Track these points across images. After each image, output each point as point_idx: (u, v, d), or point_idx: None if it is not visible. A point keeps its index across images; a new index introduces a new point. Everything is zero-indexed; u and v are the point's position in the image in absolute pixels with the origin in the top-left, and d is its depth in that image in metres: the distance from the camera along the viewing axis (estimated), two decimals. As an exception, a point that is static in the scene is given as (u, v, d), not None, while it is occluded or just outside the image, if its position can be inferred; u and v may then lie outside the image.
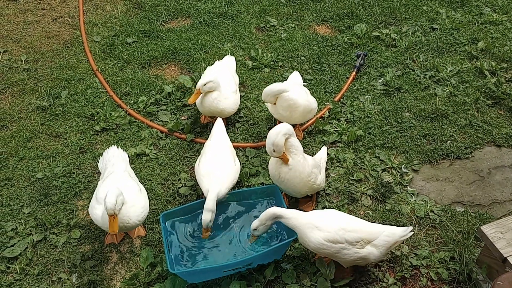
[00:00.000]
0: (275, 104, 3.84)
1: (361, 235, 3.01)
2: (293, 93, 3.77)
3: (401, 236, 3.10)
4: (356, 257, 3.02)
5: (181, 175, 3.88)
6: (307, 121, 4.25)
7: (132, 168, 3.92)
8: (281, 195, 3.44)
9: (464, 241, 3.34)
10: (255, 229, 3.09)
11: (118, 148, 3.63)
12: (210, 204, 3.19)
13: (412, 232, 3.19)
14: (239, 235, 3.39)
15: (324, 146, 3.82)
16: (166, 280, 3.19)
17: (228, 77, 4.15)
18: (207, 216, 3.18)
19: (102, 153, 3.67)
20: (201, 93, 3.89)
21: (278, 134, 3.17)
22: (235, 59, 4.70)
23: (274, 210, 3.05)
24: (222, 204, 3.49)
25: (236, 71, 4.48)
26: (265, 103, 4.09)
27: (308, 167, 3.33)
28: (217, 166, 3.41)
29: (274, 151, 3.19)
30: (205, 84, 3.84)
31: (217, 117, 3.91)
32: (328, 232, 2.97)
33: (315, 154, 3.74)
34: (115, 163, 3.43)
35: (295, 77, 4.17)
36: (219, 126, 3.76)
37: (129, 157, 3.95)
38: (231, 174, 3.43)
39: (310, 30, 5.33)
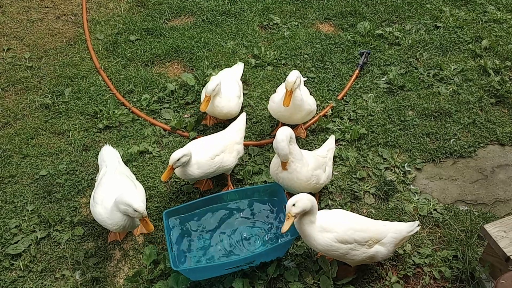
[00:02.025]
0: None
1: (370, 235, 2.99)
2: (303, 94, 3.81)
3: (408, 232, 3.09)
4: (365, 256, 3.01)
5: (184, 173, 3.88)
6: (310, 120, 4.25)
7: (135, 165, 3.94)
8: (284, 193, 3.44)
9: (467, 240, 3.34)
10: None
11: (108, 145, 3.65)
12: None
13: (419, 227, 3.18)
14: (242, 233, 3.39)
15: (332, 135, 3.78)
16: (169, 278, 3.20)
17: (231, 82, 4.18)
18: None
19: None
20: (210, 98, 3.93)
21: (287, 136, 3.17)
22: (239, 58, 4.73)
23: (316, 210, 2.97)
24: (225, 201, 3.50)
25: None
26: (268, 105, 4.07)
27: (308, 172, 3.31)
28: (197, 151, 3.52)
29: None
30: (214, 90, 3.88)
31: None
32: (337, 233, 2.94)
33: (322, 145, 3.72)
34: (108, 164, 3.46)
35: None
36: (239, 120, 3.86)
37: (131, 155, 3.98)
38: (202, 163, 3.50)
39: (313, 28, 5.32)
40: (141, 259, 3.37)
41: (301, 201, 2.86)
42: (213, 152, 3.55)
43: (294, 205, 2.87)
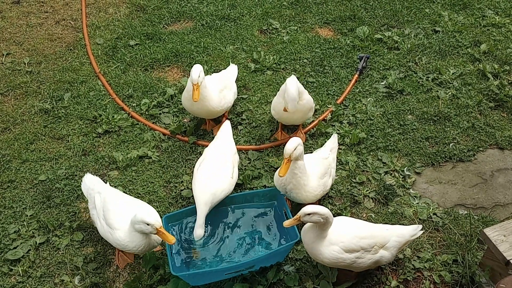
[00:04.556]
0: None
1: (375, 240, 2.98)
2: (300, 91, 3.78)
3: (411, 236, 3.08)
4: (370, 262, 3.00)
5: (183, 178, 3.88)
6: (309, 124, 4.26)
7: (134, 170, 3.95)
8: (284, 198, 3.44)
9: (467, 244, 3.34)
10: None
11: (88, 174, 3.52)
12: (199, 224, 3.24)
13: (422, 231, 3.18)
14: (242, 238, 3.38)
15: (334, 133, 3.76)
16: (168, 283, 3.19)
17: (214, 78, 4.10)
18: (200, 231, 3.25)
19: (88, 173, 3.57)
20: (199, 86, 3.72)
21: (299, 143, 3.14)
22: (238, 62, 4.73)
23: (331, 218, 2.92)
24: (225, 206, 3.50)
25: (238, 73, 4.50)
26: (271, 107, 4.05)
27: (314, 182, 3.30)
28: (212, 178, 3.36)
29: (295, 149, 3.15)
30: (198, 75, 3.68)
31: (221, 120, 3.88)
32: (343, 243, 2.93)
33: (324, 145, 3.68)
34: (99, 189, 3.33)
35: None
36: (225, 129, 3.74)
37: (131, 159, 3.99)
38: (226, 187, 3.38)
39: (312, 32, 5.33)
40: (141, 264, 3.36)
41: (315, 216, 2.84)
42: (230, 171, 3.47)
43: (309, 214, 2.85)
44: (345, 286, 3.17)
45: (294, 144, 3.13)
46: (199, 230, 3.24)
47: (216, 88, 3.99)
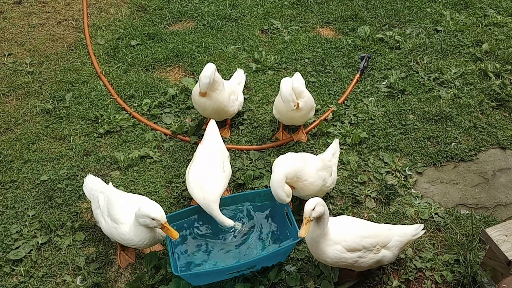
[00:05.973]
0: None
1: (377, 240, 2.98)
2: (299, 87, 3.83)
3: (413, 235, 3.08)
4: (372, 262, 3.00)
5: (185, 178, 3.87)
6: (311, 124, 4.26)
7: (135, 170, 3.96)
8: (285, 198, 3.44)
9: (468, 244, 3.33)
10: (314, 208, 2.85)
11: (90, 175, 3.52)
12: (222, 219, 3.26)
13: (424, 231, 3.18)
14: (243, 237, 3.38)
15: (336, 138, 3.76)
16: (170, 283, 3.19)
17: (225, 83, 4.10)
18: (227, 222, 3.29)
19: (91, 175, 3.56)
20: (206, 91, 3.76)
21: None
22: (239, 62, 4.72)
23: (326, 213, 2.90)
24: (226, 206, 3.49)
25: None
26: (273, 107, 4.06)
27: (310, 171, 3.30)
28: (205, 176, 3.37)
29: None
30: (208, 76, 3.68)
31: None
32: (345, 242, 2.93)
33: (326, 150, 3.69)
34: (102, 189, 3.35)
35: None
36: (211, 128, 3.73)
37: (132, 159, 3.99)
38: (221, 181, 3.39)
39: (313, 32, 5.33)
40: (142, 264, 3.36)
41: (319, 205, 2.83)
42: (220, 166, 3.47)
43: (313, 209, 2.83)
44: (347, 286, 3.17)
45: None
46: (226, 222, 3.26)
47: (227, 91, 4.00)
